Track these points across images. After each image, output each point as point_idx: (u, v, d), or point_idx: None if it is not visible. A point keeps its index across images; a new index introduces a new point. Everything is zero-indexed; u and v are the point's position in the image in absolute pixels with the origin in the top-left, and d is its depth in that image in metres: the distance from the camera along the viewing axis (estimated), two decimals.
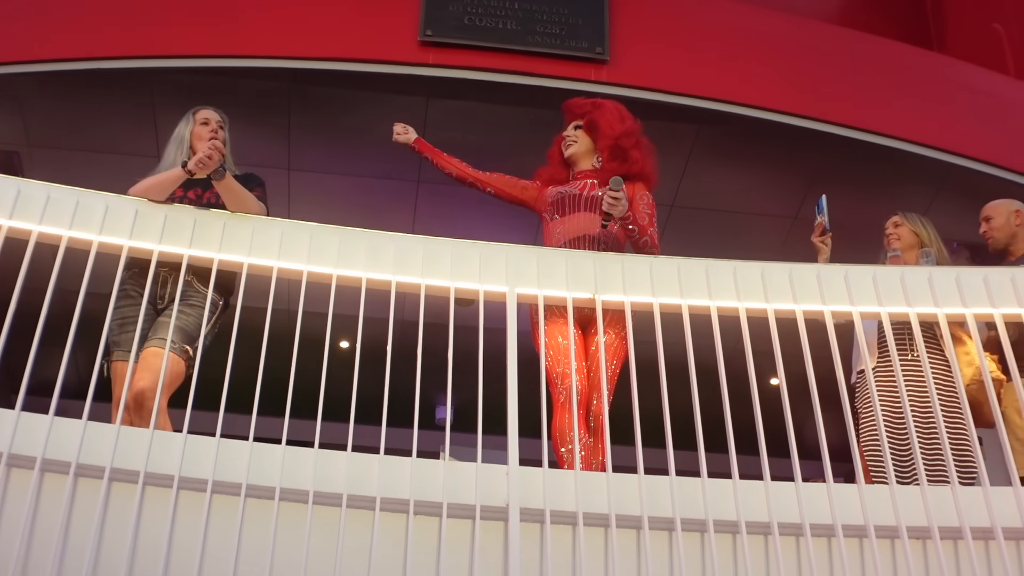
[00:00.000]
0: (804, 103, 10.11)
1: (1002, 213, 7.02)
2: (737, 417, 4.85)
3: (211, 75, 9.36)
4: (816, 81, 10.34)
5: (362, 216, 6.76)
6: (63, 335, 4.74)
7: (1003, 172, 10.30)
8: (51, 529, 4.31)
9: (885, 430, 6.06)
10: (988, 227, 7.04)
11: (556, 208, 6.28)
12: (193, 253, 5.20)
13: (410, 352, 4.96)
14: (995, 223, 7.00)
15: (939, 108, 10.61)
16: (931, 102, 10.65)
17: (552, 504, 4.58)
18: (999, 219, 7.00)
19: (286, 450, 4.62)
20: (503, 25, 9.87)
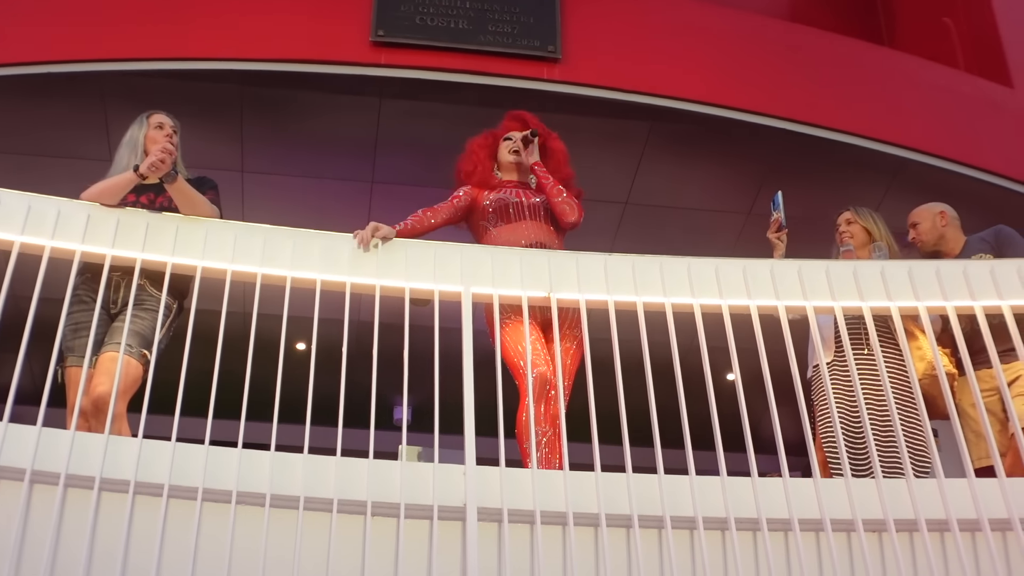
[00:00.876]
0: (756, 99, 10.15)
1: (927, 217, 7.09)
2: (693, 413, 4.86)
3: (163, 78, 9.32)
4: (768, 77, 10.38)
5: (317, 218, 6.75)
6: (16, 341, 4.71)
7: (955, 166, 10.38)
8: (7, 536, 4.29)
9: (841, 424, 6.13)
10: (915, 232, 7.10)
11: (498, 215, 6.26)
12: (146, 257, 5.18)
13: (366, 353, 4.95)
14: (921, 228, 7.07)
15: (890, 103, 10.67)
16: (882, 97, 10.71)
17: (510, 503, 4.57)
18: (925, 223, 7.07)
19: (242, 453, 4.60)
20: (455, 24, 9.87)
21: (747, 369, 5.03)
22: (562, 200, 6.18)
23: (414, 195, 7.83)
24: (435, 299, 5.21)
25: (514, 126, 6.65)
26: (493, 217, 6.24)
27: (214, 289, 5.14)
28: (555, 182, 6.27)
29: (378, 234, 5.42)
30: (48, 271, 4.97)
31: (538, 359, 5.60)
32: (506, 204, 6.26)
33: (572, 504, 4.59)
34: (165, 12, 9.54)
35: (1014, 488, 4.76)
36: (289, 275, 5.18)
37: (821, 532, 4.62)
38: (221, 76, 9.46)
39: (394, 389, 4.95)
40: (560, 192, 6.21)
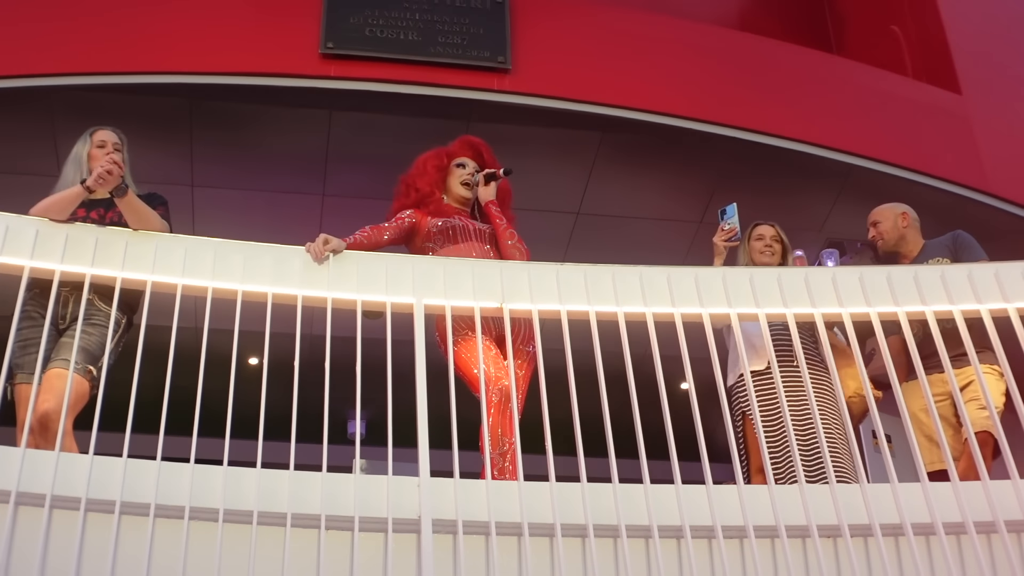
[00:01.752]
0: (706, 108, 10.18)
1: (889, 217, 7.15)
2: (647, 422, 4.86)
3: (111, 92, 9.27)
4: (717, 86, 10.42)
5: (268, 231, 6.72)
6: None
7: (905, 172, 10.45)
8: None
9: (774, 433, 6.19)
10: (876, 231, 7.16)
11: (445, 237, 6.22)
12: (95, 272, 5.14)
13: (319, 367, 4.93)
14: (883, 227, 7.12)
15: (840, 110, 10.73)
16: (832, 104, 10.77)
17: (464, 514, 4.56)
18: (887, 223, 7.12)
19: (195, 468, 4.57)
20: (405, 36, 9.86)
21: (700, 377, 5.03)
22: (512, 245, 6.18)
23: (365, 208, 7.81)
24: (387, 311, 5.19)
25: (468, 153, 6.59)
26: (439, 238, 6.21)
27: (165, 304, 5.11)
28: (507, 224, 6.27)
29: (328, 247, 5.39)
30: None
31: (500, 372, 5.58)
32: (451, 227, 6.24)
33: (527, 514, 4.58)
34: (113, 26, 9.49)
35: (968, 492, 4.78)
36: (240, 288, 5.15)
37: (776, 539, 4.63)
38: (170, 90, 9.43)
39: (347, 403, 4.94)
40: (512, 236, 6.21)
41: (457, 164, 6.50)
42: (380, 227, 6.14)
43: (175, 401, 4.84)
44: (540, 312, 5.29)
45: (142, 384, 4.82)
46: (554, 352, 5.15)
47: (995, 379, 6.18)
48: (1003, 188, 10.86)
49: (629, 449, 4.78)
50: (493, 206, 6.33)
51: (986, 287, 5.33)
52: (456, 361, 5.53)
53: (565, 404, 4.85)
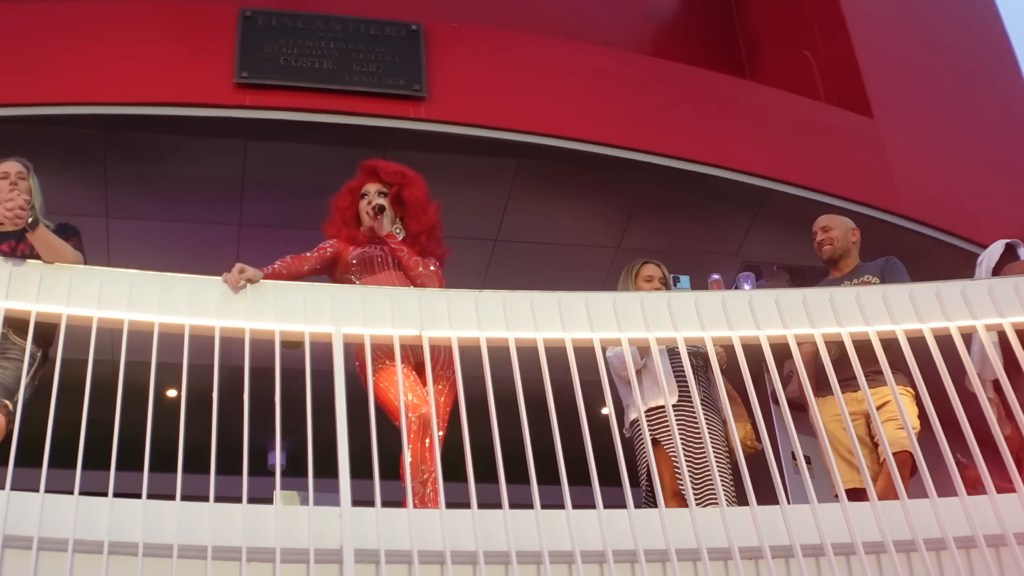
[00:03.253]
0: (622, 134, 10.24)
1: (841, 226, 7.26)
2: (567, 448, 4.86)
3: (21, 123, 9.17)
4: (632, 111, 10.48)
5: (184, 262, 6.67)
6: None
7: (819, 195, 10.56)
8: None
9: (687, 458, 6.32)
10: (827, 236, 7.22)
11: (363, 268, 6.20)
12: (9, 305, 5.08)
13: (238, 398, 4.90)
14: (835, 234, 7.21)
15: (754, 134, 10.83)
16: (746, 129, 10.87)
17: (387, 544, 4.54)
18: (839, 231, 7.22)
19: (113, 502, 4.52)
20: (320, 65, 9.86)
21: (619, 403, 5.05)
22: (419, 273, 6.15)
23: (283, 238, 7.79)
24: (306, 340, 5.17)
25: (369, 179, 6.52)
26: (358, 270, 6.19)
27: (80, 336, 5.06)
28: (411, 254, 6.22)
29: (244, 275, 5.36)
30: None
31: (419, 399, 5.58)
32: (370, 257, 6.23)
33: (449, 542, 4.57)
34: (25, 56, 9.42)
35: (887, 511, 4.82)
36: (157, 320, 5.11)
37: (699, 561, 4.65)
38: (83, 121, 9.36)
39: (267, 433, 4.91)
40: (416, 264, 6.18)
41: (362, 195, 6.46)
42: (302, 257, 6.13)
43: (93, 435, 4.79)
44: (459, 339, 5.28)
45: (59, 418, 4.77)
46: (474, 379, 5.15)
47: (909, 400, 6.26)
48: (915, 210, 11.01)
49: (550, 475, 4.78)
50: (391, 240, 6.30)
51: (901, 308, 5.39)
52: (376, 390, 5.51)
53: (486, 431, 4.84)
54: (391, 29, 10.28)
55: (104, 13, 9.96)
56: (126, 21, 9.90)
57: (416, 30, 10.32)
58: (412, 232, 6.41)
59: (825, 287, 6.28)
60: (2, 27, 9.66)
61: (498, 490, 4.74)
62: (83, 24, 9.78)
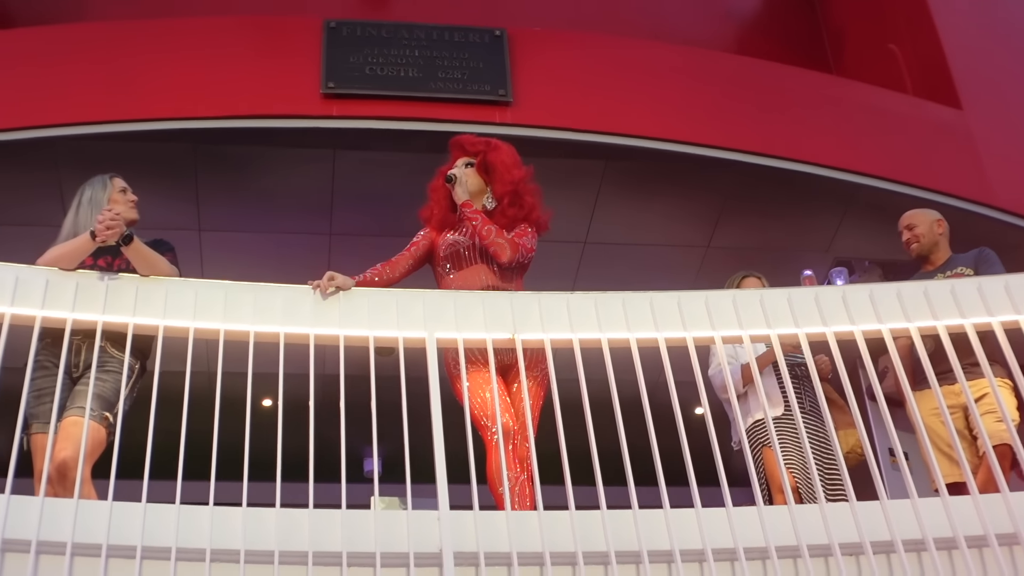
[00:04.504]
0: (708, 133, 10.19)
1: (925, 222, 7.17)
2: (663, 448, 4.85)
3: (115, 140, 9.29)
4: (719, 110, 10.42)
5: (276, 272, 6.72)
6: None
7: (908, 189, 10.43)
8: None
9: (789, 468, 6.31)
10: (912, 235, 7.15)
11: (451, 262, 6.18)
12: (106, 319, 5.14)
13: (333, 406, 4.93)
14: (920, 230, 7.13)
15: (842, 129, 10.73)
16: (834, 124, 10.77)
17: (485, 546, 4.55)
18: (923, 227, 7.14)
19: (214, 511, 4.57)
20: (405, 73, 9.90)
21: (715, 402, 5.03)
22: (491, 242, 6.06)
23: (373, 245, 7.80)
24: (399, 346, 5.19)
25: (456, 155, 6.54)
26: (446, 263, 6.19)
27: (176, 348, 5.11)
28: (484, 221, 6.14)
29: (333, 282, 5.39)
30: (8, 339, 4.93)
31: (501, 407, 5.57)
32: (458, 251, 6.19)
33: (548, 544, 4.57)
34: (115, 74, 9.53)
35: (988, 505, 4.77)
36: (252, 329, 5.15)
37: (799, 558, 4.62)
38: (174, 135, 9.46)
39: (362, 440, 4.93)
40: (489, 232, 6.06)
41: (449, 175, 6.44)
42: (393, 262, 6.13)
43: (191, 445, 4.84)
44: (552, 341, 5.28)
45: (157, 429, 4.82)
46: (568, 382, 5.15)
47: (1007, 392, 6.18)
48: (1008, 201, 10.85)
49: (646, 476, 4.77)
50: (466, 208, 6.22)
51: (997, 300, 5.33)
52: (458, 394, 5.53)
53: (581, 434, 4.84)
54: (475, 35, 10.30)
55: (192, 29, 10.06)
56: (214, 36, 9.99)
57: (500, 35, 10.33)
58: (498, 194, 6.35)
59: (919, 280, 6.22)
60: (93, 45, 9.78)
61: (594, 492, 4.73)
62: (172, 40, 9.88)
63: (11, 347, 4.92)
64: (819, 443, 6.67)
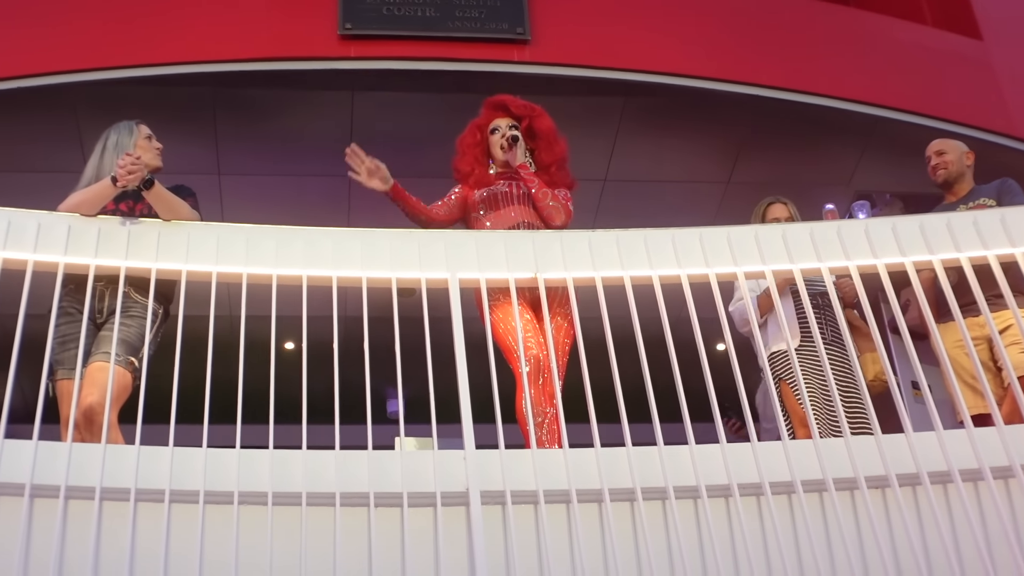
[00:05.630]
0: (727, 68, 10.15)
1: (955, 150, 7.18)
2: (687, 384, 4.86)
3: (134, 85, 9.29)
4: (737, 45, 10.38)
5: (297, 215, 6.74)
6: (5, 359, 4.69)
7: (929, 121, 10.38)
8: (10, 552, 4.27)
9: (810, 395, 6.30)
10: (941, 160, 7.14)
11: (486, 204, 6.26)
12: (129, 264, 5.15)
13: (356, 347, 4.94)
14: (949, 157, 7.13)
15: (861, 62, 10.67)
16: (852, 57, 10.72)
17: (512, 484, 4.57)
18: (953, 155, 7.14)
19: (241, 454, 4.59)
20: (422, 13, 9.86)
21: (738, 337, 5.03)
22: (548, 205, 6.22)
23: None
24: (422, 287, 5.20)
25: (497, 114, 6.62)
26: (483, 207, 6.26)
27: (198, 293, 5.12)
28: (540, 184, 6.29)
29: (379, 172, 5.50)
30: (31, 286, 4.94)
31: (530, 341, 5.60)
32: (495, 194, 6.31)
33: (574, 481, 4.59)
34: (132, 19, 9.51)
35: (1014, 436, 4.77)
36: (274, 273, 5.16)
37: (825, 492, 4.62)
38: (192, 79, 9.44)
39: (386, 382, 4.95)
40: (546, 195, 6.24)
41: (491, 131, 6.53)
42: (433, 205, 6.32)
43: (216, 389, 4.86)
44: (575, 280, 5.28)
45: (182, 373, 4.84)
46: (591, 320, 5.15)
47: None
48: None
49: (671, 413, 4.78)
50: (523, 170, 6.37)
51: (1020, 230, 5.30)
52: (492, 330, 5.55)
53: (605, 371, 4.84)
54: None
55: None
56: None
57: None
58: (543, 163, 6.52)
59: (942, 212, 6.20)
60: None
61: (619, 430, 4.74)
62: None
63: (34, 294, 4.93)
64: (842, 373, 6.62)
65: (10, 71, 9.17)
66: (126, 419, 5.17)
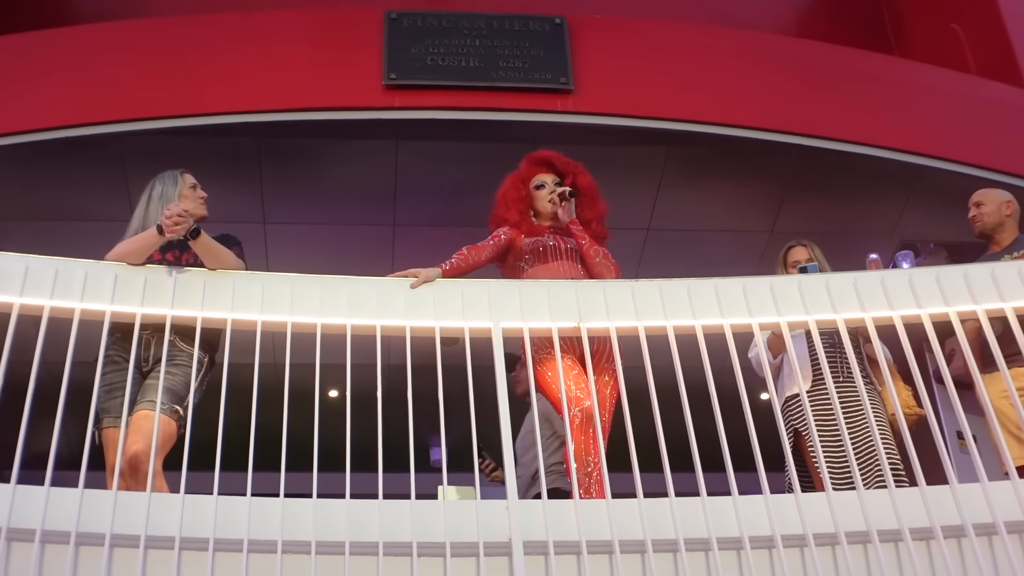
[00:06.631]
0: (770, 117, 10.14)
1: (994, 200, 7.16)
2: (730, 434, 4.85)
3: (180, 135, 9.36)
4: (780, 94, 10.37)
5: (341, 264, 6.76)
6: (52, 406, 4.73)
7: (973, 170, 10.33)
8: None
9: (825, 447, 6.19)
10: (979, 212, 7.14)
11: (536, 256, 6.24)
12: (175, 313, 5.20)
13: (399, 396, 4.96)
14: (986, 209, 7.12)
15: (905, 111, 10.65)
16: (896, 106, 10.69)
17: (555, 535, 4.57)
18: (991, 206, 7.13)
19: (284, 503, 4.61)
20: (466, 63, 9.90)
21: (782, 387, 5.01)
22: (597, 263, 6.20)
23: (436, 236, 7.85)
24: (466, 336, 5.22)
25: (540, 170, 6.61)
26: (530, 258, 6.24)
27: (243, 341, 5.16)
28: (591, 242, 6.29)
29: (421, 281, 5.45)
30: (79, 334, 4.99)
31: (582, 393, 5.58)
32: (543, 245, 6.26)
33: (617, 532, 4.58)
34: (178, 70, 9.59)
35: None
36: (319, 322, 5.19)
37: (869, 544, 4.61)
38: (238, 129, 9.51)
39: (429, 430, 4.96)
40: (596, 253, 6.24)
41: (536, 187, 6.53)
42: (478, 247, 6.20)
43: (260, 437, 4.88)
44: (617, 329, 5.29)
45: (227, 421, 4.86)
46: (634, 370, 5.15)
47: None
48: None
49: (714, 463, 4.78)
50: (575, 226, 6.36)
51: None
52: (539, 383, 5.55)
53: (648, 421, 4.84)
54: (535, 24, 10.29)
55: (254, 23, 10.11)
56: (275, 30, 10.03)
57: (560, 23, 10.31)
58: (585, 218, 6.49)
59: (985, 262, 6.18)
60: (157, 40, 9.84)
61: (662, 479, 4.74)
62: (234, 35, 9.93)
63: (81, 342, 4.98)
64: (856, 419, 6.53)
65: (58, 120, 9.26)
66: (171, 466, 5.20)
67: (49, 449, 4.58)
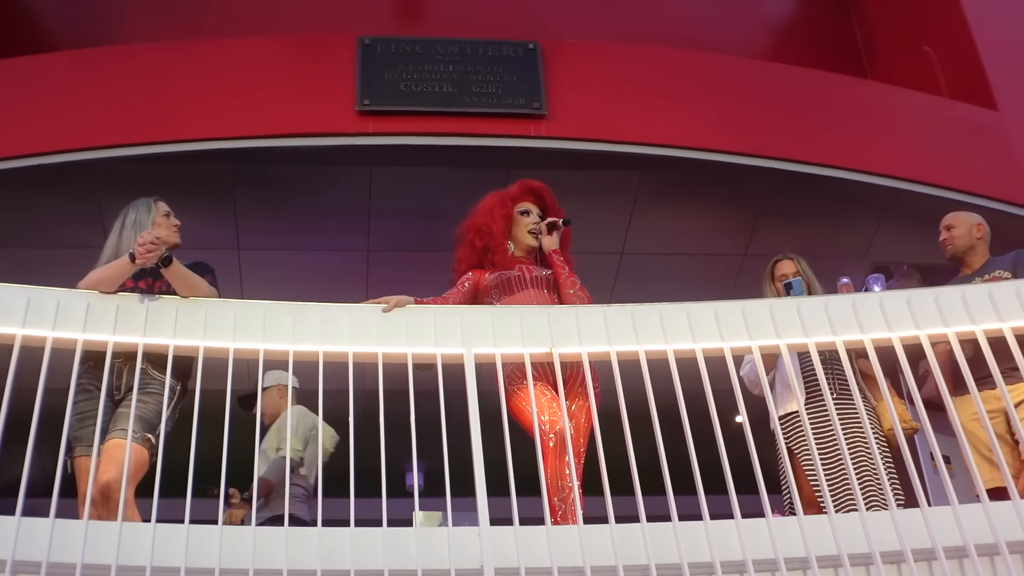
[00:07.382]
0: (743, 141, 10.17)
1: (964, 223, 7.20)
2: (703, 457, 4.86)
3: (153, 162, 9.35)
4: (753, 118, 10.40)
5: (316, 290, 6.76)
6: (24, 434, 4.72)
7: (946, 192, 10.38)
8: None
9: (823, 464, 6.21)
10: (949, 235, 7.18)
11: (502, 290, 6.24)
12: (147, 341, 5.19)
13: (373, 422, 4.96)
14: (957, 232, 7.16)
15: (878, 134, 10.69)
16: (869, 129, 10.73)
17: (526, 561, 4.57)
18: (961, 228, 7.17)
19: (256, 531, 4.60)
20: (439, 88, 9.92)
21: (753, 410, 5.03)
22: (573, 293, 6.19)
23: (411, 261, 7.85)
24: (438, 362, 5.22)
25: (530, 199, 6.60)
26: (496, 292, 6.23)
27: (216, 368, 5.16)
28: (569, 272, 6.29)
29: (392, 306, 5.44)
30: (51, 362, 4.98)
31: (556, 417, 5.57)
32: (507, 279, 6.25)
33: (589, 558, 4.58)
34: (152, 97, 9.58)
35: None
36: (291, 348, 5.19)
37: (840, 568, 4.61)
38: (212, 156, 9.50)
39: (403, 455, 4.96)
40: (572, 284, 6.21)
41: (521, 212, 6.53)
42: (444, 298, 6.19)
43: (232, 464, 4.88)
44: (590, 354, 5.30)
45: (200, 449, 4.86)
46: (606, 394, 5.16)
47: None
48: None
49: (686, 486, 4.78)
50: (556, 255, 6.36)
51: None
52: (513, 409, 5.56)
53: (621, 445, 4.85)
54: (508, 49, 10.32)
55: (227, 50, 10.11)
56: (248, 57, 10.04)
57: (533, 49, 10.34)
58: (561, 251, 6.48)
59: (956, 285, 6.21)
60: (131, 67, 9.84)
61: (635, 502, 4.74)
62: (208, 62, 9.93)
63: (53, 370, 4.97)
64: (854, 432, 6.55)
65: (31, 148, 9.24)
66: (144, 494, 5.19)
67: (20, 477, 4.57)
